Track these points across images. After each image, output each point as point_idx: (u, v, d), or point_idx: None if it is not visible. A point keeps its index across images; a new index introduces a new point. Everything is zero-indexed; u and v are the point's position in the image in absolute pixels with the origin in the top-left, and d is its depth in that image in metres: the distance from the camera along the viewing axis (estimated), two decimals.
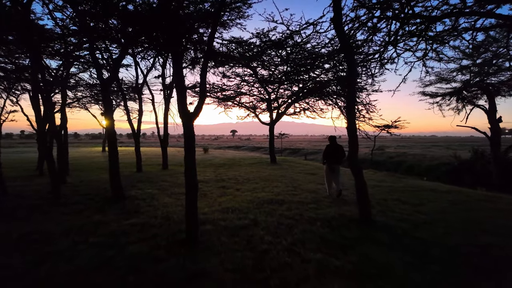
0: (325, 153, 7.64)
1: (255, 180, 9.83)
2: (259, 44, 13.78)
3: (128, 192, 7.69)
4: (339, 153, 7.44)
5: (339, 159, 7.41)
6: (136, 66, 11.45)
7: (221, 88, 17.43)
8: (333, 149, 7.49)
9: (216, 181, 9.45)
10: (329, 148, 7.56)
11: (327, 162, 7.49)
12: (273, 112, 17.71)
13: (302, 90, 15.93)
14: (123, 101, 11.94)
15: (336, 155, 7.41)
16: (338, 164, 7.42)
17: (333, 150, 7.48)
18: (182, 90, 4.22)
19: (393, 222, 5.09)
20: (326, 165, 7.52)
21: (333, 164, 7.39)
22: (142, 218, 5.22)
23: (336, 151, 7.45)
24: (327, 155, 7.56)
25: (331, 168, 7.39)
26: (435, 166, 14.39)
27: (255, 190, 7.92)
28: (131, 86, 18.54)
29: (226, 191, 7.87)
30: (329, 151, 7.54)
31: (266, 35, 13.03)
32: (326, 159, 7.54)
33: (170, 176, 10.50)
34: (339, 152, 7.45)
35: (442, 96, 14.15)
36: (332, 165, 7.39)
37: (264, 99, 17.96)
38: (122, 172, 12.15)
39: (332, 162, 7.40)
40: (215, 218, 5.12)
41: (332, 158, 7.41)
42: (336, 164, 7.39)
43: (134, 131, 11.80)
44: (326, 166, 7.53)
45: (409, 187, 8.81)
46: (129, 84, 16.89)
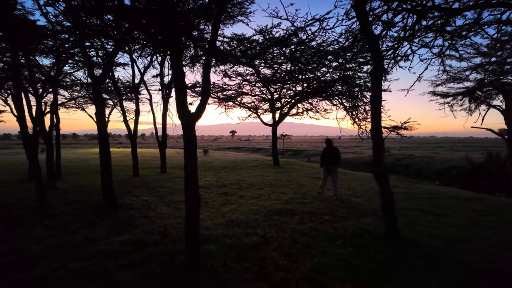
0: (323, 156, 7.90)
1: (259, 185, 9.18)
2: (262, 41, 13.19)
3: (123, 200, 7.02)
4: (335, 156, 7.68)
5: (336, 161, 7.65)
6: (133, 64, 10.81)
7: (221, 88, 16.79)
8: (330, 151, 7.72)
9: (218, 187, 8.80)
10: (326, 151, 7.82)
11: (325, 164, 7.74)
12: (276, 113, 17.06)
13: (306, 90, 15.29)
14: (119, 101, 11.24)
15: (333, 158, 7.65)
16: (335, 166, 7.66)
17: (329, 152, 7.72)
18: (181, 89, 3.57)
19: (422, 238, 4.45)
20: (324, 167, 7.77)
21: (331, 166, 7.63)
22: (136, 234, 4.56)
23: (332, 153, 7.69)
24: (324, 157, 7.80)
25: (329, 170, 7.66)
26: (445, 169, 13.76)
27: (261, 198, 7.27)
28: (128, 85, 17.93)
29: (230, 198, 7.22)
30: (326, 154, 7.79)
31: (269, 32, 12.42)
32: (324, 161, 7.77)
33: (168, 181, 9.83)
34: (335, 154, 7.69)
35: (453, 96, 13.53)
36: (330, 167, 7.63)
37: (267, 99, 17.32)
38: (118, 176, 11.55)
39: (329, 164, 7.65)
40: (219, 234, 4.46)
41: (329, 160, 7.65)
42: (333, 166, 7.64)
43: (131, 132, 11.14)
44: (324, 168, 7.77)
45: (426, 193, 8.18)
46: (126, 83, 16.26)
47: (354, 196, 7.66)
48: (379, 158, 4.47)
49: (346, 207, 6.40)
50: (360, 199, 7.21)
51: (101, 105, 6.35)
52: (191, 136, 3.52)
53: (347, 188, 8.75)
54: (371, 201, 7.03)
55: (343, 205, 6.58)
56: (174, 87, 3.81)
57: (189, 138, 3.51)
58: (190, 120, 3.50)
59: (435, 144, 54.96)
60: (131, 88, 11.19)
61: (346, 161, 20.53)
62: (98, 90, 6.33)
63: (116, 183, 9.60)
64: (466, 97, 13.00)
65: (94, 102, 6.44)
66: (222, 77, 16.07)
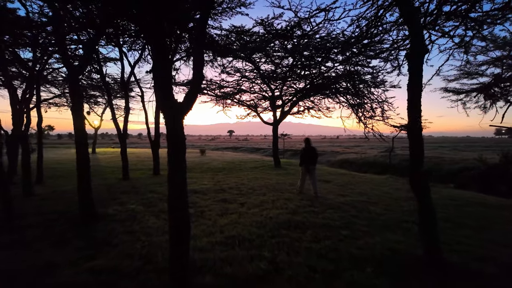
0: (302, 155, 7.98)
1: (261, 189, 8.28)
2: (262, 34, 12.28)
3: (105, 209, 6.10)
4: (313, 155, 7.82)
5: (314, 160, 7.78)
6: (122, 57, 9.82)
7: (219, 85, 15.87)
8: (309, 151, 7.85)
9: (216, 192, 7.89)
10: (305, 150, 7.93)
11: (304, 163, 7.82)
12: (276, 111, 16.16)
13: (309, 87, 14.39)
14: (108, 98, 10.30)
15: (311, 157, 7.77)
16: (313, 165, 7.76)
17: (308, 152, 7.84)
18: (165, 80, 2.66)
19: (471, 262, 3.57)
20: (303, 166, 7.85)
21: (309, 165, 7.72)
22: (112, 258, 3.64)
23: (311, 153, 7.82)
24: (303, 157, 7.89)
25: (308, 169, 7.74)
26: (457, 171, 12.93)
27: (264, 206, 6.37)
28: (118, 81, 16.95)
29: (229, 206, 6.31)
30: (305, 153, 7.88)
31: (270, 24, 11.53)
32: (303, 161, 7.87)
33: (160, 185, 8.91)
34: (313, 154, 7.83)
35: (467, 93, 12.70)
36: (309, 166, 7.72)
37: (267, 96, 16.41)
38: (106, 179, 10.61)
39: (308, 163, 7.74)
40: (216, 258, 3.55)
41: (309, 160, 7.76)
42: (312, 165, 7.72)
43: (120, 132, 10.19)
44: (303, 167, 7.85)
45: (448, 199, 7.33)
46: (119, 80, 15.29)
47: (369, 203, 6.78)
48: (419, 163, 3.58)
49: (364, 217, 5.52)
50: (378, 207, 6.33)
51: (78, 100, 5.43)
52: (178, 135, 2.62)
53: (359, 193, 7.87)
54: (390, 210, 6.16)
55: (360, 215, 5.69)
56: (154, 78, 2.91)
57: (175, 139, 2.60)
58: (176, 113, 2.59)
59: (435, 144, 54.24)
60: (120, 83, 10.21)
61: (349, 161, 19.69)
62: (75, 82, 5.41)
63: (102, 188, 8.69)
64: (481, 93, 12.18)
65: (70, 95, 5.51)
66: (220, 73, 15.18)
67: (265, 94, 16.55)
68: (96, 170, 12.90)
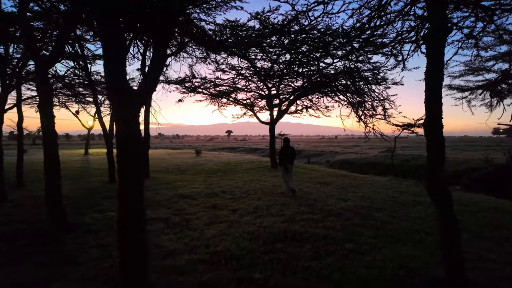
0: (281, 154, 7.93)
1: (256, 193, 7.69)
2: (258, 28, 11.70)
3: (82, 216, 5.49)
4: (292, 154, 7.89)
5: (292, 159, 7.84)
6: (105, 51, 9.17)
7: (214, 83, 15.26)
8: (287, 150, 7.86)
9: (207, 196, 7.29)
10: (284, 150, 7.90)
11: (284, 163, 7.73)
12: (273, 110, 15.56)
13: (307, 85, 13.80)
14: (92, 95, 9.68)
15: (290, 156, 7.81)
16: (291, 164, 7.79)
17: (287, 151, 7.85)
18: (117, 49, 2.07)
19: (499, 283, 2.99)
20: (283, 166, 7.75)
21: (288, 164, 7.69)
22: (72, 281, 3.04)
23: (289, 152, 7.86)
24: (283, 156, 7.82)
25: (286, 168, 7.67)
26: (463, 172, 12.38)
27: (258, 212, 5.77)
28: None
29: (219, 213, 5.71)
30: (284, 153, 7.85)
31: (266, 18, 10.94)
32: (282, 160, 7.80)
33: (148, 188, 8.29)
34: (292, 153, 7.90)
35: (472, 90, 12.16)
36: (287, 166, 7.67)
37: (264, 95, 15.81)
38: (91, 182, 9.95)
39: (287, 163, 7.69)
40: (196, 283, 2.95)
41: (287, 159, 7.74)
42: (290, 164, 7.74)
43: (106, 131, 9.55)
44: (283, 167, 7.76)
45: (459, 203, 6.73)
46: None
47: (374, 208, 6.19)
48: (439, 166, 2.99)
49: (369, 226, 4.93)
50: (383, 214, 5.75)
51: (45, 97, 4.81)
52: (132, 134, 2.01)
53: (362, 198, 7.29)
54: (398, 217, 5.58)
55: (364, 223, 5.10)
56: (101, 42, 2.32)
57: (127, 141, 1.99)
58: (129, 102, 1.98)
59: None
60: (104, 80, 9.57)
61: (348, 162, 19.12)
62: (43, 74, 4.80)
63: (84, 192, 8.06)
64: (488, 90, 11.64)
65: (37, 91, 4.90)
66: (215, 71, 14.58)
67: (262, 92, 15.97)
68: (83, 172, 12.28)
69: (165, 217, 5.43)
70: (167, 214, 5.62)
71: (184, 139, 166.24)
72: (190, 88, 15.23)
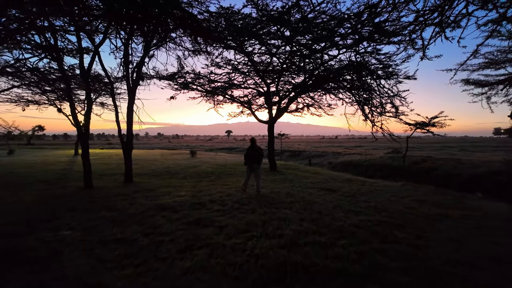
0: (247, 155, 7.92)
1: (250, 203, 6.52)
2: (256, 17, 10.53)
3: (28, 236, 4.32)
4: (258, 155, 7.81)
5: (258, 160, 7.80)
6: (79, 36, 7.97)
7: (208, 79, 14.08)
8: (253, 151, 7.82)
9: (191, 208, 6.12)
10: (250, 150, 7.88)
11: (248, 163, 7.83)
12: (272, 108, 14.38)
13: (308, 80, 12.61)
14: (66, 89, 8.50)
15: (255, 156, 7.78)
16: (257, 164, 7.79)
17: (253, 151, 7.81)
18: None
19: None
20: (248, 165, 7.87)
21: (253, 164, 7.76)
22: None
23: (256, 152, 7.81)
24: (248, 156, 7.85)
25: (252, 168, 7.78)
26: (481, 176, 11.20)
27: (251, 230, 4.61)
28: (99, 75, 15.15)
29: (201, 232, 4.53)
30: (250, 153, 7.84)
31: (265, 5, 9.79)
32: (248, 160, 7.85)
33: (125, 197, 7.12)
34: (258, 153, 7.81)
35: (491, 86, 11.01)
36: (252, 165, 7.76)
37: (262, 92, 14.64)
38: (66, 187, 8.67)
39: (252, 162, 7.76)
40: None
41: (252, 159, 7.77)
42: (256, 164, 7.77)
43: (80, 128, 8.36)
44: (248, 166, 7.88)
45: (501, 219, 5.57)
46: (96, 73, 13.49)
47: (394, 225, 5.03)
48: None
49: (394, 253, 3.76)
50: (407, 233, 4.58)
51: None
52: None
53: (375, 209, 6.12)
54: (426, 237, 4.42)
55: (386, 248, 3.93)
56: None
57: None
58: None
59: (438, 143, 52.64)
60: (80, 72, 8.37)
61: (352, 164, 17.93)
62: None
63: (49, 200, 6.85)
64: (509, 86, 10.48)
65: None
66: (209, 66, 13.42)
67: (260, 89, 14.81)
68: (62, 175, 11.12)
69: (132, 238, 4.27)
70: (135, 234, 4.45)
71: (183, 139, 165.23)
72: (182, 84, 14.07)
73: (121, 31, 9.66)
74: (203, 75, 13.77)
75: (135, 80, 9.59)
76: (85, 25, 8.43)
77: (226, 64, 13.31)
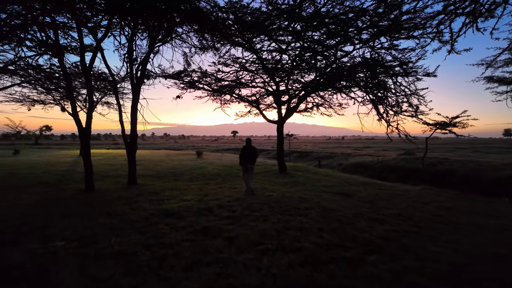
0: (242, 154, 7.95)
1: (262, 209, 6.01)
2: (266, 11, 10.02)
3: (15, 248, 3.87)
4: (252, 154, 7.94)
5: (253, 159, 7.90)
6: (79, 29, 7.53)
7: (215, 78, 13.62)
8: (249, 150, 7.91)
9: (198, 213, 5.63)
10: (245, 149, 7.93)
11: (243, 163, 7.82)
12: (282, 108, 13.84)
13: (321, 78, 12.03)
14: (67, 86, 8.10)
15: (250, 156, 7.87)
16: (252, 164, 7.88)
17: (248, 151, 7.90)
18: None
19: None
20: (243, 165, 7.84)
21: (248, 164, 7.78)
22: None
23: (251, 152, 7.92)
24: (243, 156, 7.88)
25: (246, 167, 7.77)
26: (505, 179, 10.50)
27: (265, 243, 4.08)
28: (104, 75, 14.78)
29: (208, 244, 4.03)
30: (245, 153, 7.89)
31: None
32: (242, 159, 7.87)
33: (127, 201, 6.66)
34: (252, 153, 7.95)
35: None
36: (247, 165, 7.77)
37: (271, 91, 14.10)
38: (67, 190, 8.29)
39: (247, 162, 7.78)
40: None
41: (247, 159, 7.81)
42: (250, 164, 7.83)
43: (81, 127, 7.93)
44: (243, 166, 7.84)
45: None
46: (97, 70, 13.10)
47: (424, 236, 4.47)
48: None
49: (431, 272, 3.21)
50: (440, 246, 4.02)
51: None
52: None
53: (399, 217, 5.55)
54: (463, 251, 3.88)
55: (423, 265, 3.37)
56: None
57: None
58: None
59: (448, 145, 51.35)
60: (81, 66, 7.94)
61: (364, 165, 17.29)
62: None
63: (48, 204, 6.44)
64: None
65: None
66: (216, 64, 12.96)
67: (269, 88, 14.28)
68: (64, 176, 10.75)
69: (131, 251, 3.78)
70: (135, 245, 3.97)
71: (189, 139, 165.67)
72: (189, 83, 13.64)
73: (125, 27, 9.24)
74: (210, 74, 13.32)
75: (140, 77, 9.16)
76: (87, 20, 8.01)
77: (234, 62, 12.85)
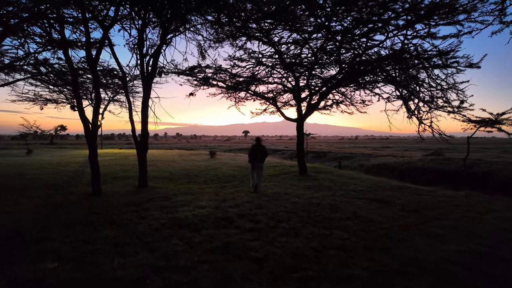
0: (251, 152, 8.02)
1: (290, 219, 5.15)
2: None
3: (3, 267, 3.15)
4: (262, 153, 8.04)
5: (262, 158, 7.99)
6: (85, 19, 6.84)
7: (230, 73, 12.82)
8: (258, 149, 8.01)
9: (215, 224, 4.83)
10: (255, 148, 8.05)
11: (252, 160, 7.88)
12: (301, 105, 12.93)
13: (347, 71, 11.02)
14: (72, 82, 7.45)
15: (259, 154, 7.95)
16: (260, 163, 7.95)
17: (258, 150, 8.00)
18: None
19: None
20: (252, 163, 7.88)
21: (257, 162, 7.87)
22: None
23: (259, 150, 8.01)
24: (253, 154, 7.94)
25: (254, 165, 7.84)
26: None
27: (303, 269, 3.22)
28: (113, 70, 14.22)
29: (232, 269, 3.20)
30: (255, 151, 7.98)
31: None
32: (252, 158, 7.91)
33: (136, 207, 5.92)
34: (262, 152, 8.06)
35: None
36: (256, 163, 7.85)
37: (291, 87, 13.20)
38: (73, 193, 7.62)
39: (256, 160, 7.86)
40: None
41: (255, 157, 7.88)
42: (259, 162, 7.90)
43: (88, 126, 7.26)
44: (252, 164, 7.88)
45: None
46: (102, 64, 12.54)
47: (503, 261, 3.50)
48: None
49: None
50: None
51: None
52: None
53: (458, 231, 4.58)
54: None
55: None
56: None
57: None
58: None
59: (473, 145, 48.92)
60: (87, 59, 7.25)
61: (387, 167, 16.16)
62: None
63: (50, 210, 5.76)
64: None
65: None
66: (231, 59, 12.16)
67: (288, 84, 13.38)
68: (72, 178, 10.18)
69: (136, 278, 2.99)
70: (143, 268, 3.18)
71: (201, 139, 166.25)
72: (202, 79, 12.90)
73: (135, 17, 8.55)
74: (225, 69, 12.53)
75: (151, 72, 8.45)
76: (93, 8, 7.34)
77: (250, 57, 12.02)
